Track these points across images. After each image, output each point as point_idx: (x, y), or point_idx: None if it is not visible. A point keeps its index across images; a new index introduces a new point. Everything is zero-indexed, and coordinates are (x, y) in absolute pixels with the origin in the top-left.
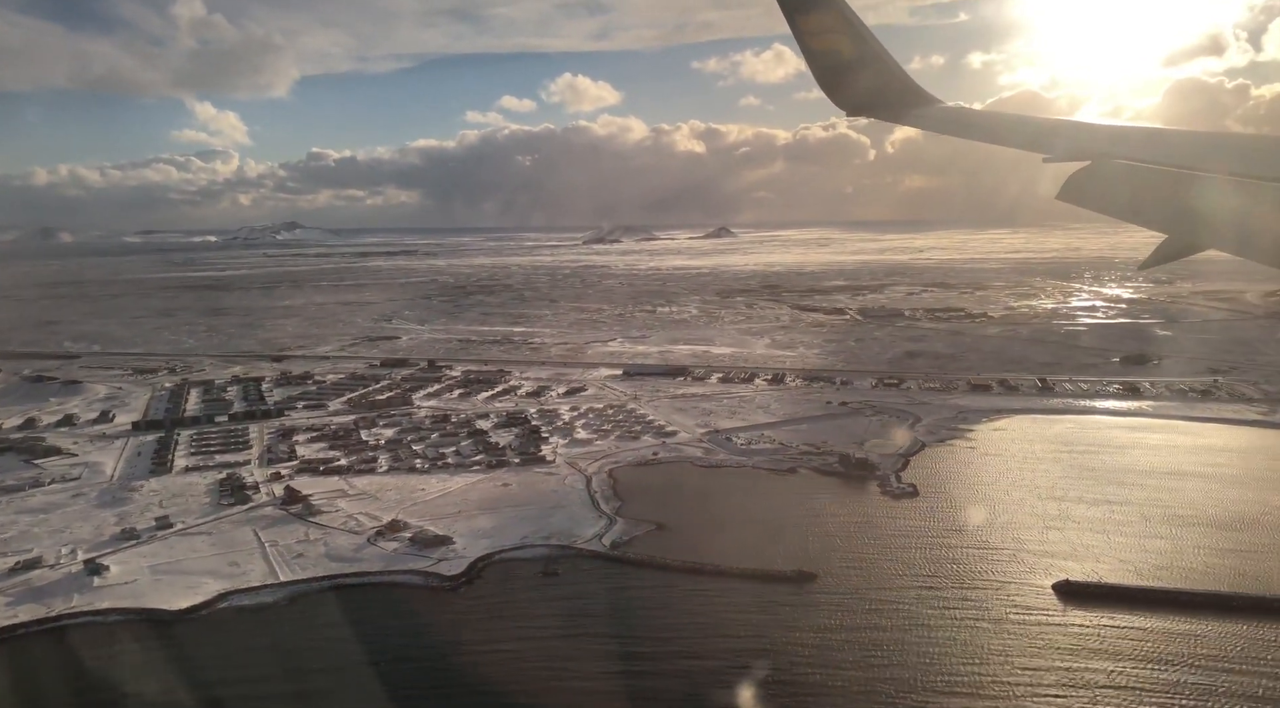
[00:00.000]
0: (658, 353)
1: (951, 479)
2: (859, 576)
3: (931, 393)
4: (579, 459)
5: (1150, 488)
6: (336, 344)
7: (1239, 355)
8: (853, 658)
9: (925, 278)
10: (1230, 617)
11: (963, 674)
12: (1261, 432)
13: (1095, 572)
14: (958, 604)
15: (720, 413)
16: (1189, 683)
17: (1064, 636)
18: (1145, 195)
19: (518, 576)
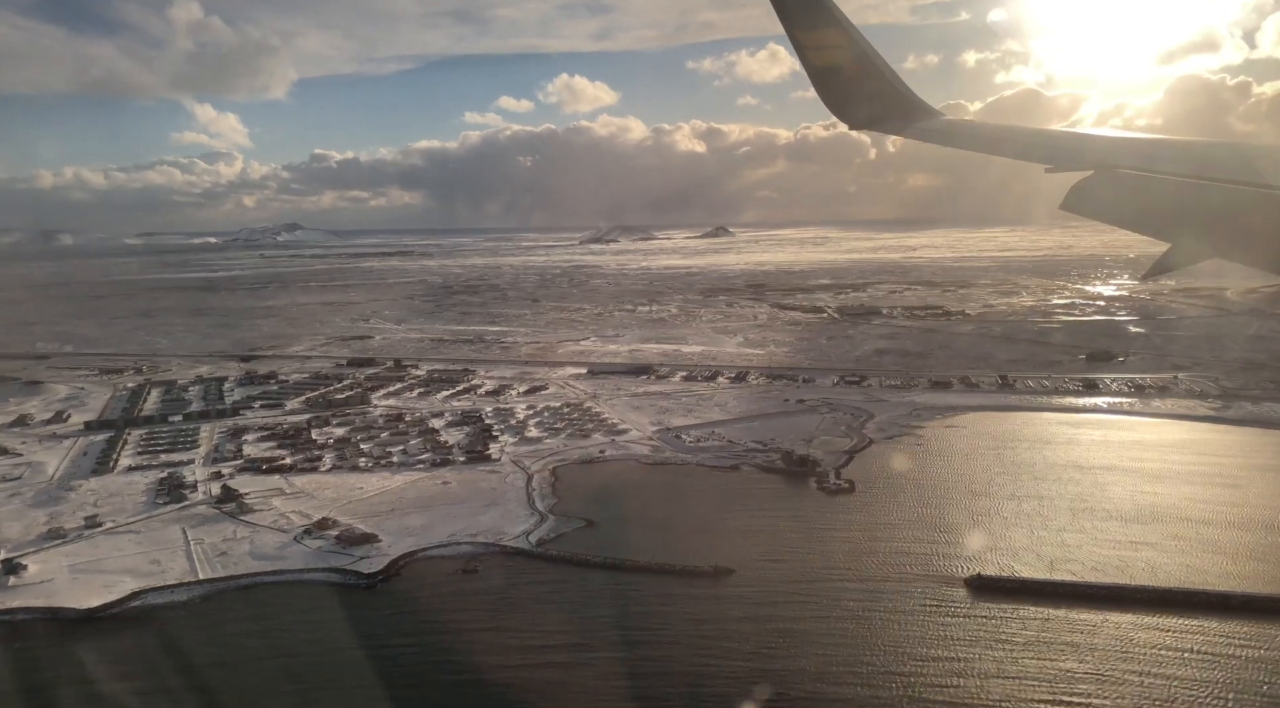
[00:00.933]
0: (628, 352)
1: (890, 476)
2: (777, 570)
3: (891, 390)
4: (525, 457)
5: (1077, 483)
6: (309, 344)
7: (1206, 352)
8: (752, 649)
9: (912, 276)
10: (1129, 609)
11: (858, 664)
12: (1203, 426)
13: (1008, 566)
14: (869, 598)
15: (676, 411)
16: (1079, 671)
17: (966, 627)
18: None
19: (436, 573)
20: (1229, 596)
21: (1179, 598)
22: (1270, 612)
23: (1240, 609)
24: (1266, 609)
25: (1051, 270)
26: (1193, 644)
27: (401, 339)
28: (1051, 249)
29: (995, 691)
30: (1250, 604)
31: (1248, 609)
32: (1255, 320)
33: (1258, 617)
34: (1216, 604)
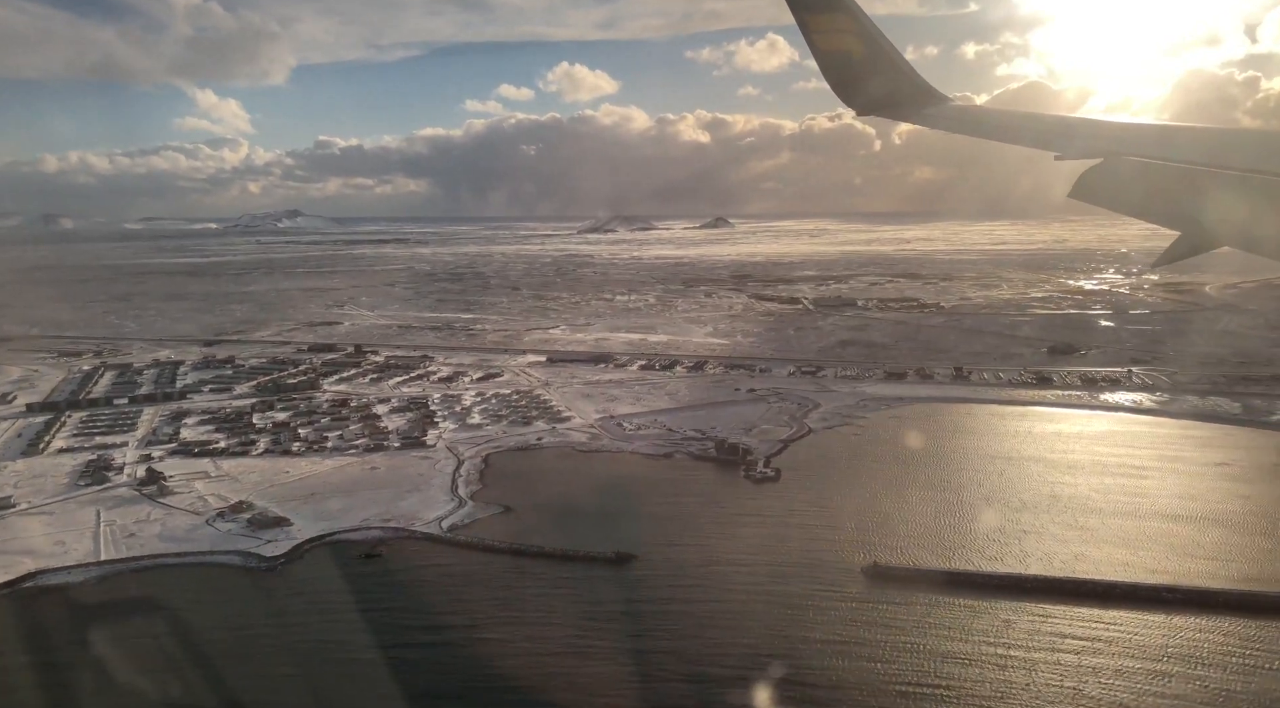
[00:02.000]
0: (593, 340)
1: (817, 465)
2: (681, 556)
3: (845, 381)
4: (461, 444)
5: (996, 473)
6: (277, 329)
7: (1170, 345)
8: (639, 631)
9: (898, 268)
10: (1016, 596)
11: (737, 646)
12: (1139, 419)
13: (911, 554)
14: (765, 583)
15: (625, 399)
16: (952, 653)
17: (850, 611)
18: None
19: (339, 557)
20: (1114, 585)
21: (1067, 587)
22: (1151, 601)
23: (1122, 598)
24: (1147, 598)
25: (1040, 264)
26: (1070, 631)
27: (370, 325)
28: (1046, 243)
29: (868, 670)
30: (1134, 594)
31: (1131, 598)
32: (1226, 315)
33: (1138, 605)
34: (1100, 593)
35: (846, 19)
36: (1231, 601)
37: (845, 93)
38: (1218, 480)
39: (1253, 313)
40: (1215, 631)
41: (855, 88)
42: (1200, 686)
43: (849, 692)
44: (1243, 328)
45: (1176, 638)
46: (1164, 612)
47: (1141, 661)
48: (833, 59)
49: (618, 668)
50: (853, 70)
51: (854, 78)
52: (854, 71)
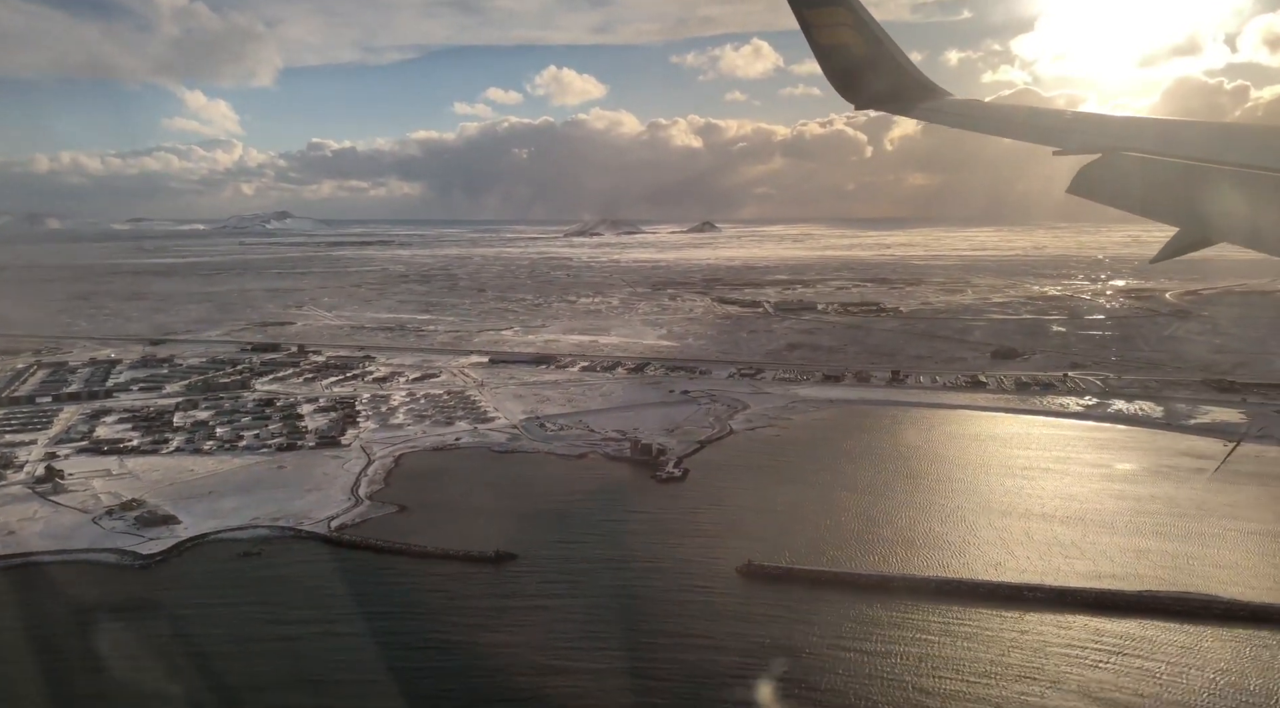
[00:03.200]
0: (543, 342)
1: (727, 466)
2: (562, 555)
3: (782, 383)
4: (377, 444)
5: (891, 473)
6: (228, 329)
7: (1114, 350)
8: (495, 626)
9: (870, 273)
10: (876, 596)
11: (588, 641)
12: (1052, 421)
13: (788, 554)
14: (638, 580)
15: (556, 400)
16: (804, 646)
17: (713, 608)
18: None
19: (218, 556)
20: (979, 584)
21: (932, 586)
22: (1012, 599)
23: (986, 597)
24: (1009, 597)
25: (1011, 270)
26: (925, 627)
27: (323, 326)
28: (1024, 249)
29: (720, 659)
30: (996, 592)
31: (994, 597)
32: (1177, 321)
33: (999, 604)
34: (965, 592)
35: (845, 13)
36: (1088, 599)
37: (845, 87)
38: (1106, 481)
39: (1204, 319)
40: (1070, 627)
41: (855, 82)
42: (1039, 678)
43: (679, 683)
44: (1190, 334)
45: (1027, 634)
46: (1020, 609)
47: (988, 653)
48: (832, 54)
49: (461, 661)
50: (852, 65)
51: (854, 72)
52: (854, 66)
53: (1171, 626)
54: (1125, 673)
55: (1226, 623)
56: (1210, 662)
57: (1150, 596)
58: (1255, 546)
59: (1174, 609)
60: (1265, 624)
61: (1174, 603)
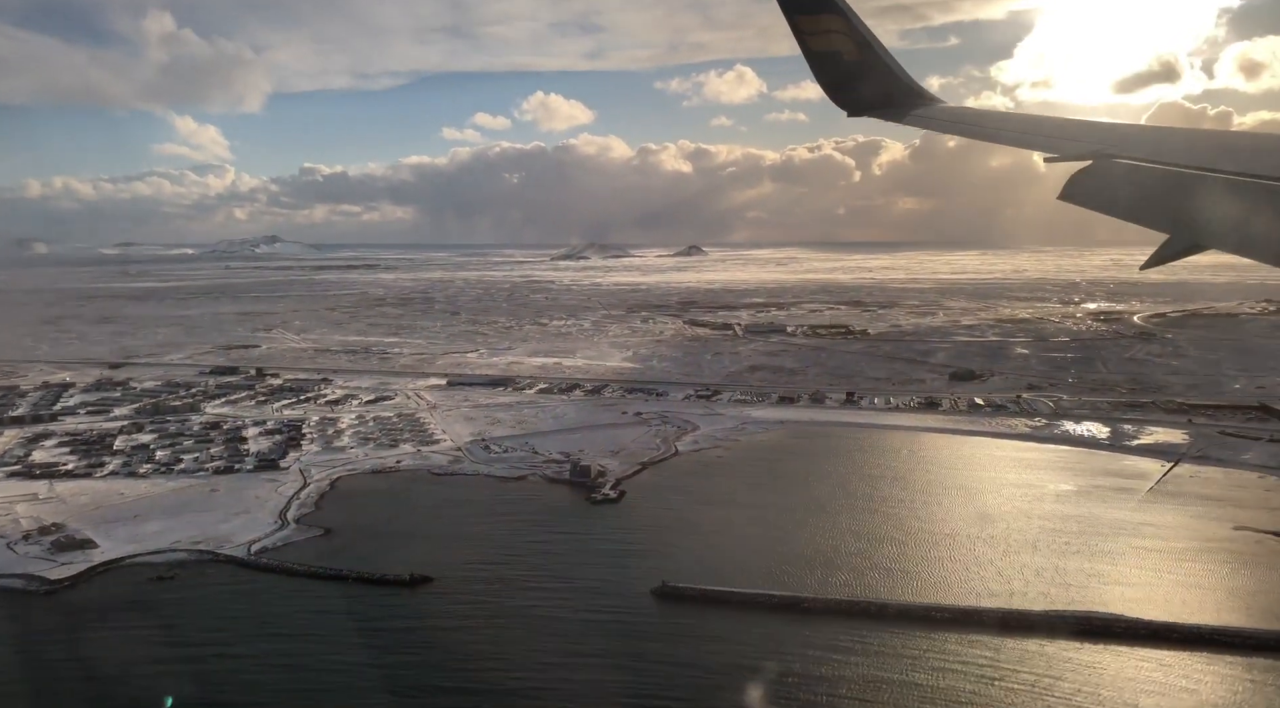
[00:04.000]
0: (505, 364)
1: (665, 487)
2: (481, 577)
3: (737, 405)
4: (316, 467)
5: (824, 496)
6: (191, 352)
7: (1072, 373)
8: (394, 648)
9: (846, 296)
10: (795, 616)
11: (504, 662)
12: (997, 442)
13: (707, 575)
14: (547, 603)
15: (507, 422)
16: (708, 664)
17: (628, 629)
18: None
19: (130, 580)
20: (885, 605)
21: (842, 607)
22: (922, 620)
23: (894, 618)
24: (920, 618)
25: (987, 293)
26: (833, 646)
27: (287, 349)
28: (1004, 273)
29: (614, 678)
30: (906, 613)
31: (904, 618)
32: (1139, 343)
33: (907, 625)
34: (874, 613)
35: (838, 20)
36: (994, 619)
37: (836, 93)
38: (1036, 502)
39: (1167, 341)
40: (975, 646)
41: (847, 89)
42: (935, 696)
43: (573, 702)
44: (1150, 356)
45: (929, 654)
46: (928, 629)
47: (888, 672)
48: (824, 60)
49: (357, 682)
50: (844, 71)
51: (846, 79)
52: (846, 72)
53: (1073, 645)
54: (1018, 691)
55: (1127, 642)
56: (1106, 681)
57: (1056, 615)
58: (1164, 565)
59: (1078, 629)
60: (1162, 643)
61: (1079, 623)
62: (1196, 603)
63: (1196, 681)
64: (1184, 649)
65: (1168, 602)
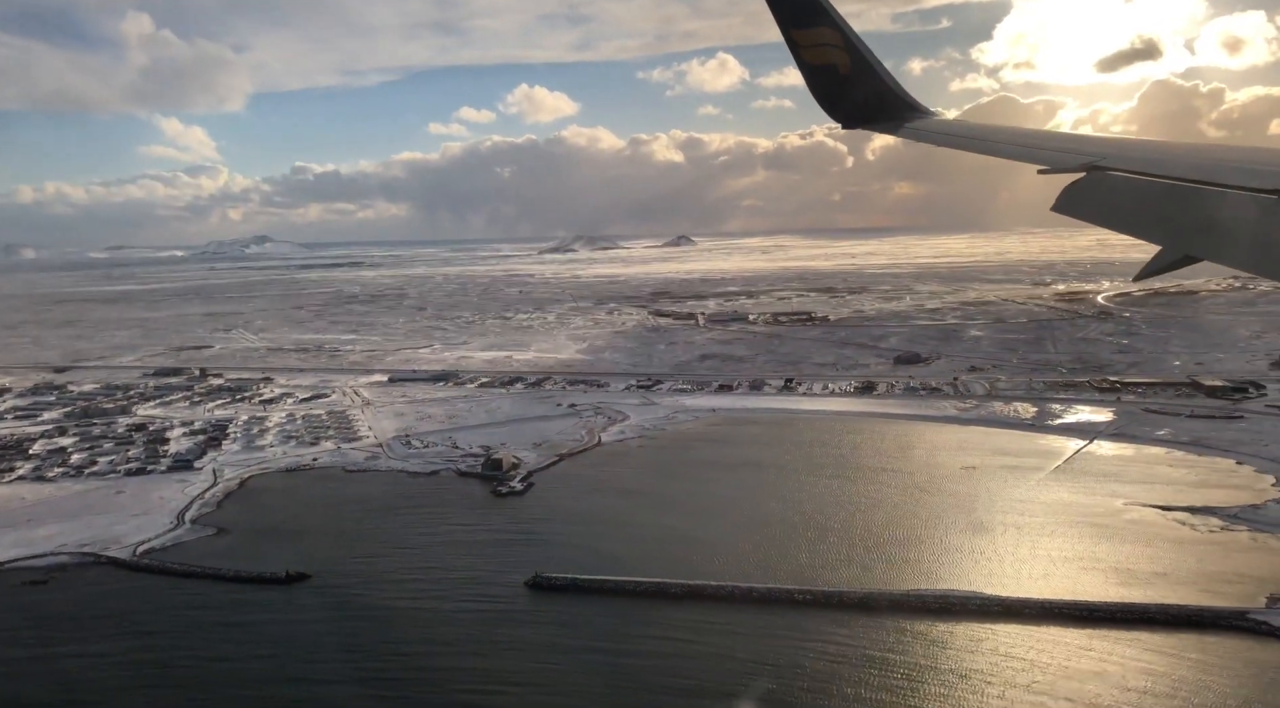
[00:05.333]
0: (455, 359)
1: (575, 478)
2: (363, 572)
3: (676, 394)
4: (231, 466)
5: (723, 483)
6: (141, 354)
7: (1018, 354)
8: (251, 642)
9: (820, 283)
10: (662, 602)
11: (364, 653)
12: (914, 426)
13: (580, 564)
14: (420, 596)
15: (437, 417)
16: (573, 648)
17: (495, 618)
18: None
19: (4, 584)
20: (750, 589)
21: (707, 591)
22: (782, 602)
23: (757, 601)
24: (781, 600)
25: (962, 276)
26: (692, 628)
27: (240, 349)
28: (987, 255)
29: (474, 664)
30: (768, 597)
31: (765, 601)
32: (1095, 323)
33: (765, 608)
34: (737, 597)
35: (832, 33)
36: (852, 601)
37: (830, 105)
38: (934, 481)
39: (1123, 320)
40: (838, 624)
41: (840, 100)
42: (786, 672)
43: (428, 690)
44: (1102, 335)
45: (790, 633)
46: (790, 610)
47: (741, 650)
48: (819, 73)
49: (208, 676)
50: (839, 84)
51: (839, 90)
52: (840, 85)
53: (928, 623)
54: (866, 665)
55: (980, 618)
56: (950, 656)
57: (915, 595)
58: (1040, 542)
59: (934, 608)
60: (1015, 619)
61: (935, 601)
62: (1058, 578)
63: (1040, 652)
64: (1033, 624)
65: (1029, 578)
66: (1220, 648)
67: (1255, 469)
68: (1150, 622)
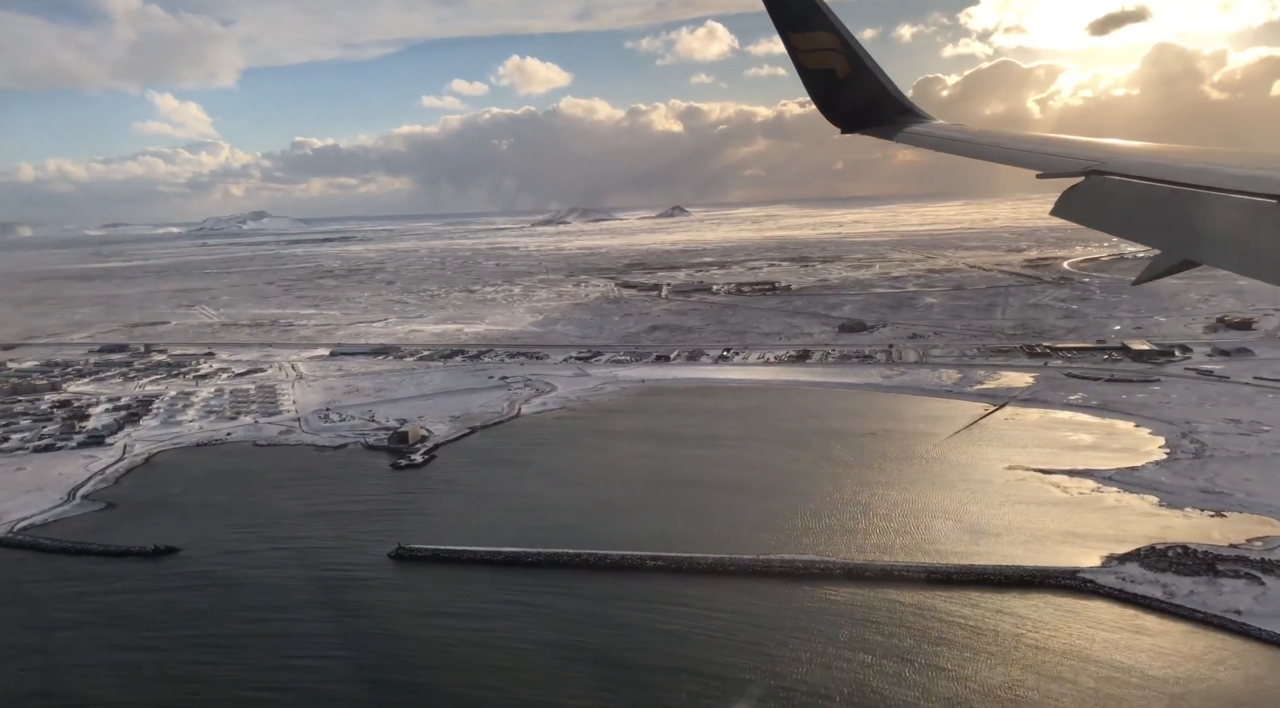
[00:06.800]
0: (406, 333)
1: (480, 451)
2: (233, 546)
3: (612, 365)
4: (143, 442)
5: (626, 454)
6: (98, 330)
7: (965, 321)
8: (120, 613)
9: (796, 252)
10: (521, 570)
11: (222, 624)
12: (840, 392)
13: (451, 535)
14: (283, 566)
15: (366, 391)
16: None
17: (356, 587)
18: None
19: None
20: (605, 556)
21: (564, 560)
22: (637, 569)
23: (610, 568)
24: (633, 567)
25: (940, 244)
26: (532, 594)
27: (195, 325)
28: (972, 222)
29: (325, 630)
30: (621, 563)
31: (619, 568)
32: (1051, 289)
33: (623, 572)
34: (593, 564)
35: (830, 37)
36: (701, 567)
37: (828, 110)
38: (830, 446)
39: (1081, 286)
40: (689, 586)
41: (838, 105)
42: (618, 628)
43: (268, 655)
44: (1053, 302)
45: (634, 595)
46: (638, 576)
47: (592, 610)
48: (817, 78)
49: (47, 643)
50: (837, 89)
51: (837, 95)
52: (838, 90)
53: (773, 586)
54: (711, 620)
55: (822, 582)
56: (789, 617)
57: (761, 562)
58: (890, 508)
59: (780, 572)
60: (857, 582)
61: (782, 566)
62: (909, 541)
63: (873, 610)
64: (874, 586)
65: (878, 542)
66: (1044, 604)
67: (1150, 432)
68: (985, 582)
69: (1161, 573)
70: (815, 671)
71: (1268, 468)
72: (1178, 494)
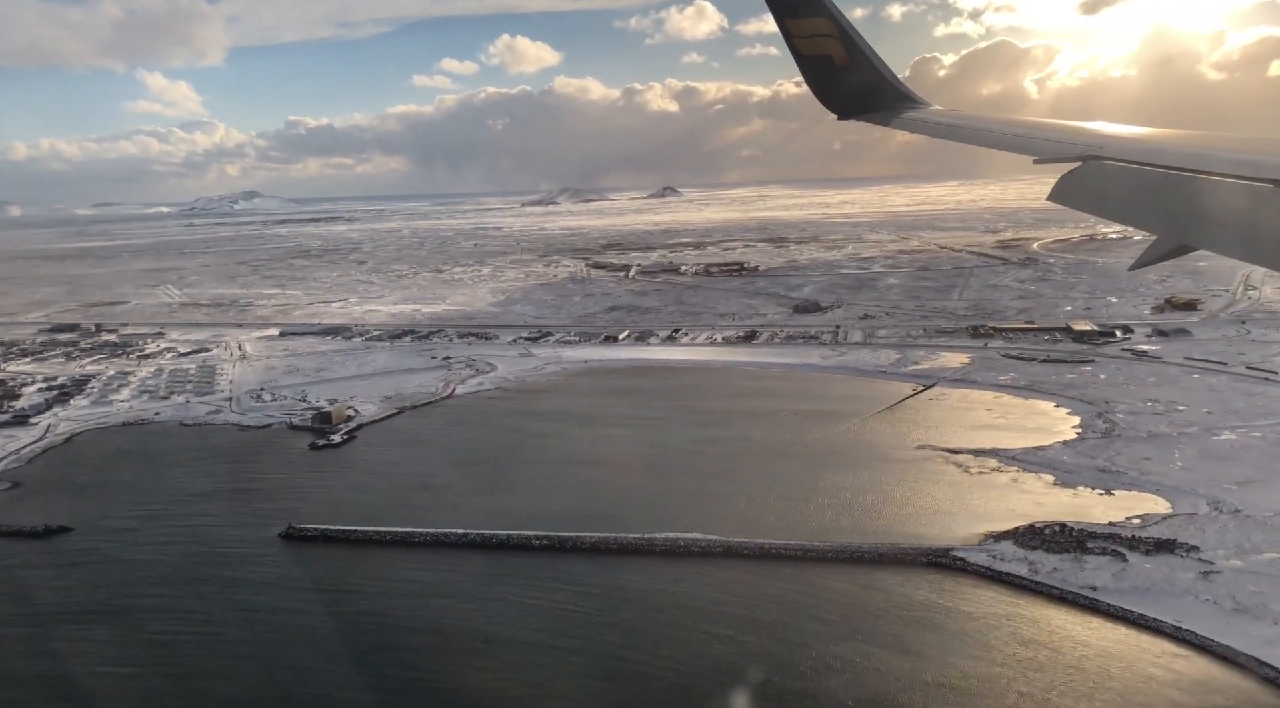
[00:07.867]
0: (363, 313)
1: (402, 431)
2: (127, 525)
3: (559, 346)
4: (68, 422)
5: (525, 432)
6: (55, 310)
7: (920, 301)
8: (17, 593)
9: (774, 233)
10: (406, 550)
11: (102, 601)
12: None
13: (342, 516)
14: (181, 547)
15: (305, 371)
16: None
17: (240, 566)
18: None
19: None
20: (491, 535)
21: (451, 540)
22: (521, 548)
23: (498, 547)
24: (519, 546)
25: (918, 225)
26: (415, 574)
27: (153, 304)
28: (958, 202)
29: (201, 604)
30: (506, 542)
31: (504, 546)
32: (1013, 270)
33: (491, 552)
34: (480, 544)
35: (826, 23)
36: (586, 546)
37: (825, 96)
38: (743, 427)
39: (1044, 267)
40: (575, 566)
41: (834, 91)
42: (497, 604)
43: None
44: (1014, 282)
45: (516, 577)
46: (522, 555)
47: (476, 590)
48: (814, 64)
49: None
50: (834, 75)
51: (833, 81)
52: (835, 77)
53: (653, 565)
54: (589, 598)
55: (701, 560)
56: (668, 593)
57: (645, 541)
58: (789, 487)
59: (662, 551)
60: (735, 559)
61: (665, 545)
62: (793, 519)
63: (753, 585)
64: (742, 564)
65: (764, 521)
66: (913, 580)
67: (1069, 412)
68: (859, 560)
69: (1032, 551)
70: (680, 647)
71: (1169, 447)
72: (1074, 473)
